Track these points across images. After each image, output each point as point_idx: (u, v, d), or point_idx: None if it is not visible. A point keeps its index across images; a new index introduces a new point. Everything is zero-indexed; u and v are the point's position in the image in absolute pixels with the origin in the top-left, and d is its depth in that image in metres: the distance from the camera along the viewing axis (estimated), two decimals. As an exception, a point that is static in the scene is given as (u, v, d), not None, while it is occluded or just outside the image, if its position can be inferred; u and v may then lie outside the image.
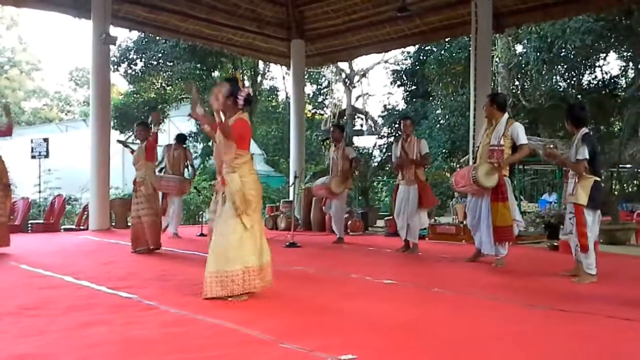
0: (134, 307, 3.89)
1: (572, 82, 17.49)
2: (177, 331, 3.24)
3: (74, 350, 2.83)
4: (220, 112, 4.23)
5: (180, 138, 9.49)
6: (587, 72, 17.59)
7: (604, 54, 17.34)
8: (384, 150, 20.21)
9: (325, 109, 25.39)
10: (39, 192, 13.18)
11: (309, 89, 24.38)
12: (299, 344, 2.93)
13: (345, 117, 23.21)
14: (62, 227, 11.28)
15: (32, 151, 12.66)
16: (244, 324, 3.36)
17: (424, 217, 7.50)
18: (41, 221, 11.14)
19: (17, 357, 2.68)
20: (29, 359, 2.67)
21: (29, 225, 10.67)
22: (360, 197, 14.04)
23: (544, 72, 16.78)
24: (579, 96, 16.56)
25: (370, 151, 21.09)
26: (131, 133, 17.70)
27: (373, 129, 23.16)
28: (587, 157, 5.04)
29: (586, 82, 17.65)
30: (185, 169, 9.18)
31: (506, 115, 6.09)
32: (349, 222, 10.36)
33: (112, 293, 4.34)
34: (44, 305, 3.85)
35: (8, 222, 7.08)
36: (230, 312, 3.72)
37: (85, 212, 11.23)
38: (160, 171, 8.78)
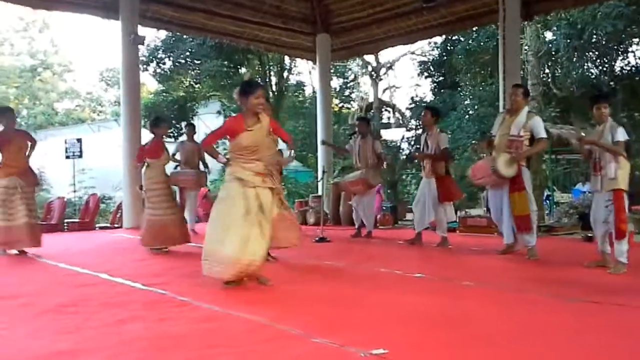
0: (167, 303, 3.96)
1: (604, 68, 17.07)
2: (209, 327, 3.30)
3: (109, 346, 2.90)
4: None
5: (191, 129, 9.60)
6: (620, 58, 17.14)
7: (637, 39, 16.87)
8: (412, 142, 20.06)
9: (352, 102, 25.31)
10: (74, 191, 13.50)
11: (336, 82, 24.31)
12: (330, 338, 2.95)
13: (372, 110, 23.09)
14: (97, 225, 11.51)
15: (66, 151, 12.98)
16: (275, 319, 3.40)
17: (450, 211, 7.43)
18: (77, 220, 11.39)
19: (56, 354, 2.76)
20: (66, 355, 2.74)
21: (65, 224, 10.92)
22: (389, 191, 14.00)
23: (574, 60, 16.41)
24: (612, 83, 16.17)
25: (398, 144, 20.98)
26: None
27: (401, 122, 23.00)
28: (627, 138, 4.99)
29: (619, 68, 17.21)
30: (200, 163, 9.27)
31: (527, 107, 6.05)
32: (378, 216, 10.33)
33: (146, 289, 4.43)
34: (81, 303, 3.95)
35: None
36: (261, 307, 3.76)
37: (119, 211, 11.44)
38: (175, 167, 8.91)
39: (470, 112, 18.50)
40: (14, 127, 6.98)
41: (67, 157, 13.07)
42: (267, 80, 20.59)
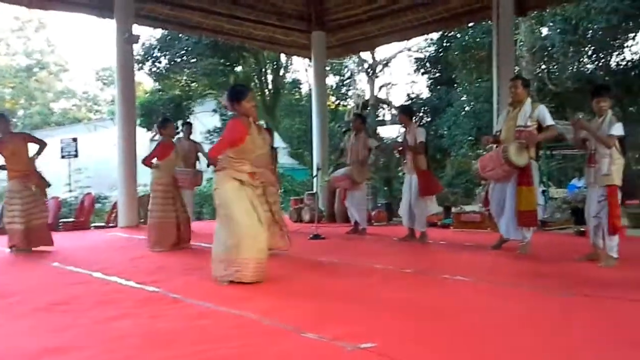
0: (159, 300, 3.97)
1: (600, 63, 17.10)
2: (200, 323, 3.31)
3: (100, 343, 2.91)
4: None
5: (188, 127, 9.61)
6: (616, 53, 17.17)
7: (633, 34, 16.90)
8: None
9: (348, 99, 25.32)
10: (70, 191, 13.51)
11: (332, 80, 24.33)
12: (320, 333, 2.97)
13: (368, 108, 23.09)
14: (93, 224, 11.51)
15: (61, 151, 12.99)
16: (267, 315, 3.41)
17: (432, 205, 7.48)
18: (72, 220, 11.38)
19: (46, 351, 2.77)
20: (56, 352, 2.75)
21: (60, 223, 10.93)
22: (385, 188, 14.03)
23: (570, 55, 16.44)
24: (607, 78, 16.20)
25: (395, 141, 20.97)
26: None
27: (396, 119, 23.01)
28: (622, 134, 4.99)
29: (614, 64, 17.23)
30: (197, 162, 9.29)
31: (529, 98, 6.05)
32: (373, 213, 10.36)
33: (139, 287, 4.44)
34: (73, 301, 3.96)
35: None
36: (253, 304, 3.77)
37: (115, 210, 11.45)
38: None
39: (467, 108, 18.52)
40: (9, 131, 7.01)
41: (63, 156, 13.08)
42: (263, 78, 20.60)
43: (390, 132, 22.47)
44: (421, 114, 20.54)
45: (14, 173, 6.79)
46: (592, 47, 16.89)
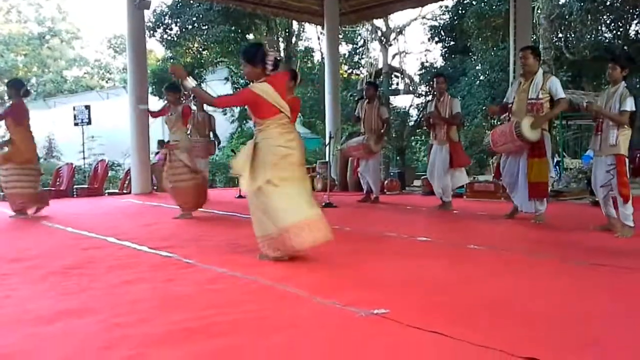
0: (173, 265, 3.99)
1: (619, 32, 16.73)
2: (214, 288, 3.32)
3: (115, 305, 2.93)
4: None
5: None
6: (635, 21, 16.78)
7: (654, 2, 16.47)
8: (421, 109, 19.90)
9: (361, 68, 25.03)
10: (84, 158, 13.58)
11: (345, 48, 24.00)
12: (333, 299, 2.96)
13: (381, 76, 22.83)
14: (106, 191, 11.59)
15: (74, 118, 13.03)
16: (280, 281, 3.42)
17: (462, 176, 7.45)
18: (86, 186, 11.47)
19: (61, 313, 2.79)
20: (71, 314, 2.77)
21: (74, 190, 11.01)
22: (397, 157, 13.95)
23: (588, 23, 16.09)
24: (625, 47, 15.86)
25: (407, 110, 20.81)
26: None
27: (410, 88, 22.76)
28: (634, 109, 4.92)
29: (633, 32, 16.86)
30: (210, 134, 9.38)
31: (541, 69, 5.96)
32: (386, 182, 10.33)
33: (153, 252, 4.46)
34: (88, 265, 3.98)
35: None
36: (267, 270, 3.78)
37: (128, 177, 11.50)
38: None
39: (481, 77, 18.27)
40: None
41: (76, 124, 13.13)
42: (275, 46, 20.37)
43: (404, 101, 22.26)
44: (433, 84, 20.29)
45: None
46: (611, 16, 16.51)
